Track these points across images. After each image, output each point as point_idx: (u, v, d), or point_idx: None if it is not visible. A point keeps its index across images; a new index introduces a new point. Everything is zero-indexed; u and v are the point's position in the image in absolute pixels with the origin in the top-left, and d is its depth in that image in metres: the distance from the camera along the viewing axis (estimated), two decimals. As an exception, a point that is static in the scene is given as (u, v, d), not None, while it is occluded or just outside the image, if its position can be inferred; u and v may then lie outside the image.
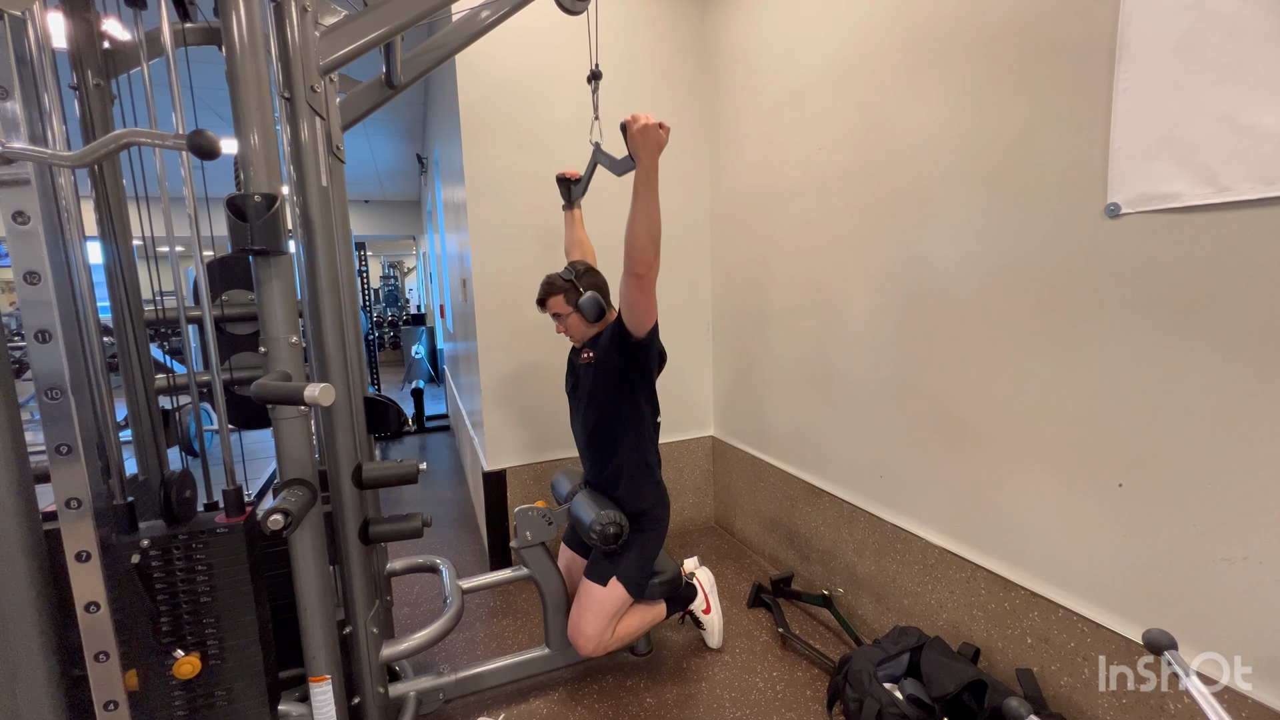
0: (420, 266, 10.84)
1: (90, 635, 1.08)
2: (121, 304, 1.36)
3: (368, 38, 1.31)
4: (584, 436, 1.78)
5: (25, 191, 0.99)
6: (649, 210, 1.36)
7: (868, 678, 1.47)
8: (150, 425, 1.43)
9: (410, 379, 7.17)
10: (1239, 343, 1.05)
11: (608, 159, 1.66)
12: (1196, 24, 1.05)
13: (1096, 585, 1.30)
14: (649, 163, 1.34)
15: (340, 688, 1.29)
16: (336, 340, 1.36)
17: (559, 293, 1.70)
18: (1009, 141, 1.40)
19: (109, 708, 1.10)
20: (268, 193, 1.08)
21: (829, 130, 1.97)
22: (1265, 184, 0.98)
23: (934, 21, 1.56)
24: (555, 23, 2.03)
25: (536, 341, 2.49)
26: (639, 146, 1.33)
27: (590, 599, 1.67)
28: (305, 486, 1.19)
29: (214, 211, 1.39)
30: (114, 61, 1.35)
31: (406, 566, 1.90)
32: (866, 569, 1.94)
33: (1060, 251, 1.31)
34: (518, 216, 2.43)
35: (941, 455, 1.65)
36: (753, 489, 2.59)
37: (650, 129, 1.31)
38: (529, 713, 1.71)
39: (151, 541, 1.13)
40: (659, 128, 1.32)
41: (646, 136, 1.32)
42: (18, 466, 1.03)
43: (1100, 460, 1.27)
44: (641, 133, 1.32)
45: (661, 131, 1.33)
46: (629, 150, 1.37)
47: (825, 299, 2.05)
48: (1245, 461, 1.05)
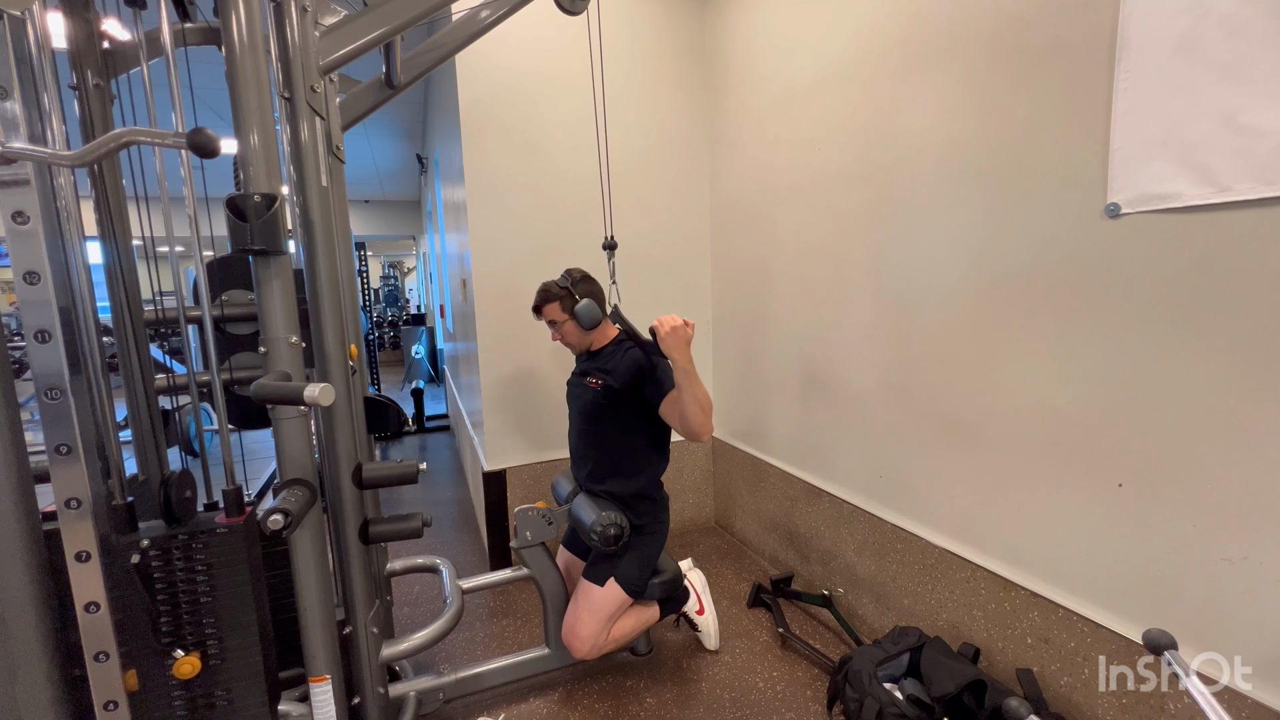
0: (420, 266, 10.84)
1: (90, 635, 1.08)
2: (121, 304, 1.36)
3: (368, 38, 1.31)
4: (588, 455, 1.76)
5: (25, 191, 0.99)
6: (697, 396, 1.47)
7: (868, 678, 1.47)
8: (150, 425, 1.43)
9: (410, 379, 7.17)
10: (1239, 343, 1.05)
11: (633, 330, 1.69)
12: (1196, 24, 1.05)
13: (1096, 585, 1.30)
14: (682, 359, 1.43)
15: (340, 688, 1.29)
16: (336, 340, 1.36)
17: (554, 300, 1.71)
18: (1009, 141, 1.40)
19: (109, 708, 1.10)
20: (268, 193, 1.08)
21: (829, 130, 1.97)
22: (1265, 184, 0.98)
23: (933, 22, 1.56)
24: (555, 23, 2.03)
25: (537, 342, 2.49)
26: (670, 348, 1.42)
27: (588, 599, 1.67)
28: (305, 486, 1.18)
29: (214, 211, 1.39)
30: (114, 61, 1.35)
31: (406, 566, 1.89)
32: (866, 569, 1.94)
33: (1060, 251, 1.31)
34: (518, 216, 2.43)
35: (941, 455, 1.65)
36: (753, 489, 2.59)
37: (678, 330, 1.41)
38: (529, 713, 1.71)
39: (151, 541, 1.13)
40: (684, 326, 1.41)
41: (676, 337, 1.41)
42: (18, 466, 1.03)
43: (1100, 460, 1.27)
44: (670, 335, 1.41)
45: (688, 329, 1.42)
46: (662, 351, 1.44)
47: (825, 299, 2.05)
48: (1245, 461, 1.05)
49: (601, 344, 1.77)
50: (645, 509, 1.71)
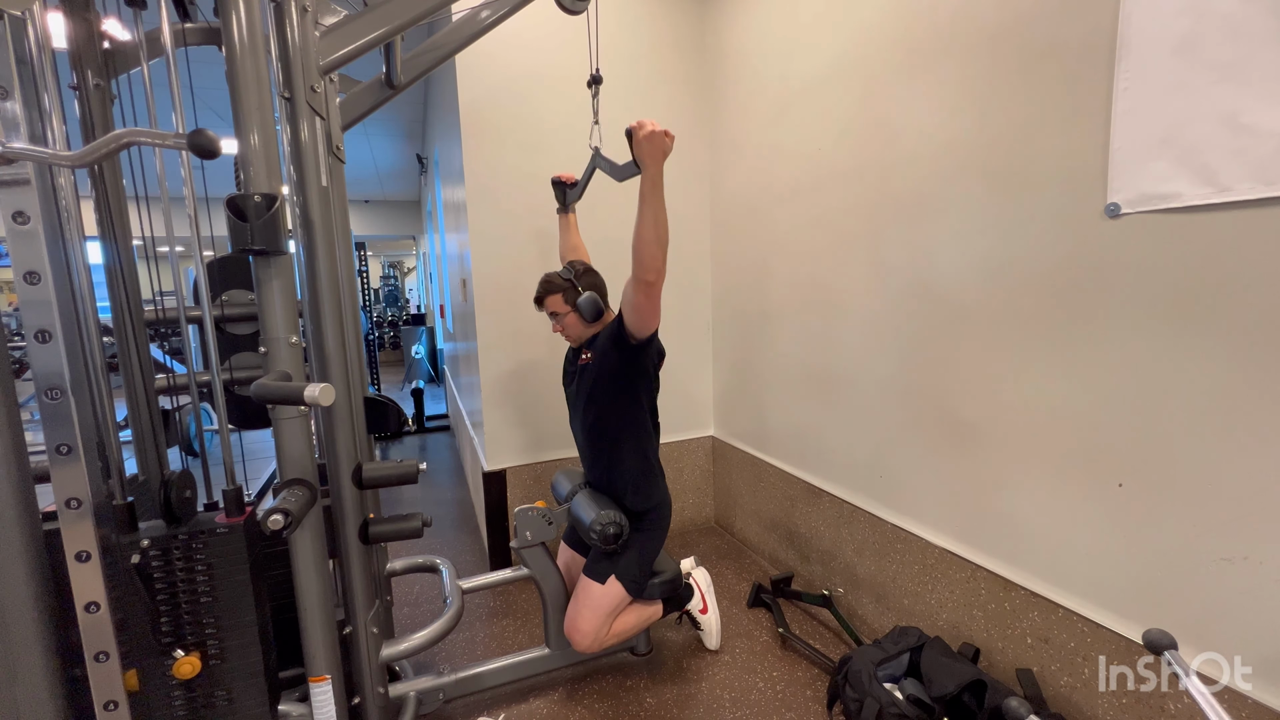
0: (420, 266, 10.84)
1: (90, 635, 1.08)
2: (121, 304, 1.36)
3: (368, 38, 1.31)
4: (584, 437, 1.78)
5: (25, 191, 0.99)
6: (657, 216, 1.36)
7: (868, 678, 1.47)
8: (150, 425, 1.43)
9: (410, 379, 7.17)
10: (1239, 343, 1.04)
11: (608, 164, 1.66)
12: (1196, 24, 1.05)
13: (1096, 585, 1.30)
14: (655, 169, 1.35)
15: (340, 688, 1.29)
16: (336, 340, 1.36)
17: (557, 292, 1.70)
18: (1009, 141, 1.40)
19: (109, 708, 1.10)
20: (268, 193, 1.08)
21: (829, 130, 1.97)
22: (1265, 184, 0.98)
23: (934, 22, 1.56)
24: (555, 23, 2.03)
25: (537, 341, 2.49)
26: (645, 153, 1.34)
27: (588, 596, 1.67)
28: (305, 486, 1.19)
29: (214, 211, 1.39)
30: (114, 61, 1.35)
31: (406, 566, 1.89)
32: (866, 569, 1.94)
33: (1060, 251, 1.31)
34: (518, 217, 2.43)
35: (941, 455, 1.65)
36: (753, 489, 2.59)
37: (656, 135, 1.32)
38: (529, 713, 1.71)
39: (151, 541, 1.13)
40: (664, 135, 1.33)
41: (653, 143, 1.33)
42: (18, 466, 1.03)
43: (1100, 460, 1.27)
44: (648, 139, 1.33)
45: (667, 139, 1.33)
46: (634, 156, 1.37)
47: (825, 299, 2.05)
48: (1245, 461, 1.05)
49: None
50: (646, 492, 1.71)
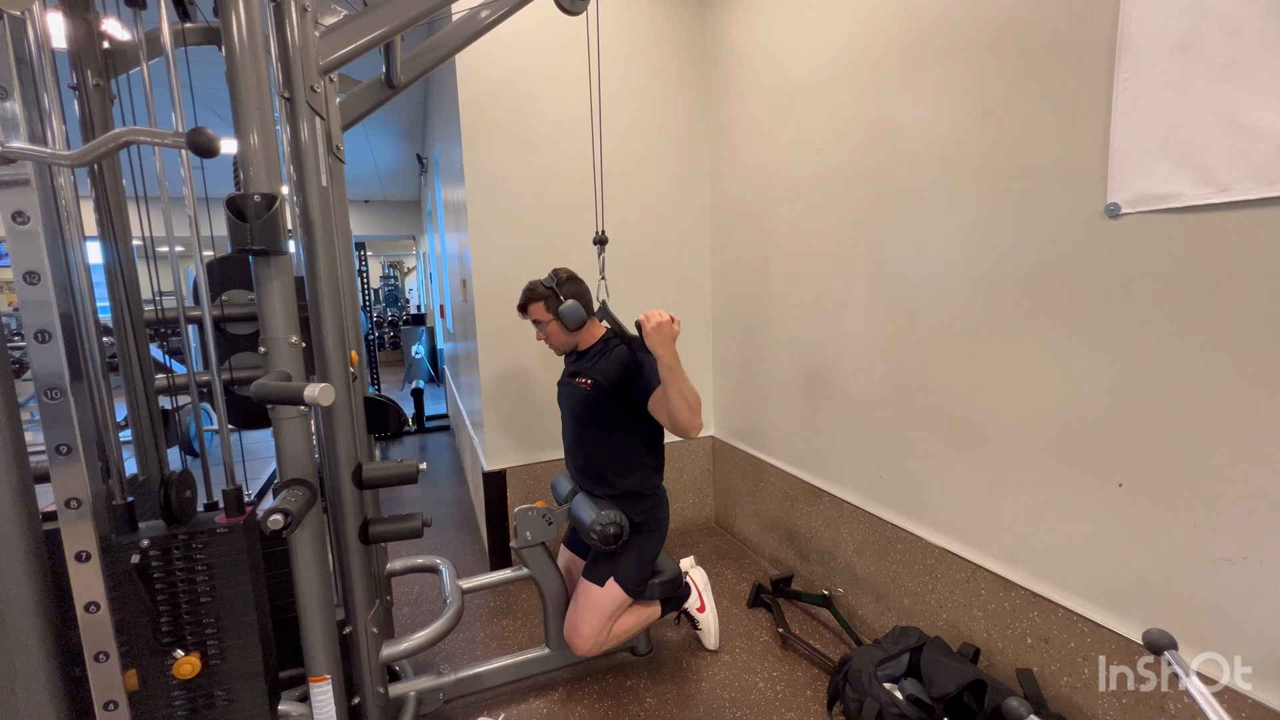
0: (420, 266, 10.84)
1: (90, 635, 1.08)
2: (121, 304, 1.36)
3: (368, 38, 1.31)
4: (583, 456, 1.77)
5: (25, 191, 0.99)
6: (684, 393, 1.45)
7: (868, 678, 1.47)
8: (150, 425, 1.43)
9: (410, 379, 7.17)
10: (1239, 343, 1.05)
11: (620, 326, 1.67)
12: (1196, 24, 1.05)
13: (1096, 585, 1.30)
14: (666, 355, 1.41)
15: (340, 688, 1.29)
16: (336, 340, 1.36)
17: (540, 299, 1.71)
18: (1009, 142, 1.40)
19: (109, 708, 1.10)
20: (267, 193, 1.08)
21: (829, 130, 1.97)
22: (1265, 184, 0.98)
23: (934, 22, 1.56)
24: (555, 23, 2.03)
25: (536, 342, 2.48)
26: (655, 343, 1.41)
27: (588, 599, 1.67)
28: (305, 486, 1.19)
29: (214, 211, 1.39)
30: (114, 61, 1.35)
31: (406, 566, 1.89)
32: (866, 569, 1.94)
33: (1060, 251, 1.31)
34: (518, 216, 2.43)
35: (941, 455, 1.65)
36: (753, 489, 2.59)
37: (664, 326, 1.39)
38: (529, 713, 1.71)
39: (151, 541, 1.13)
40: (671, 322, 1.40)
41: (661, 333, 1.40)
42: (18, 466, 1.03)
43: (1100, 460, 1.27)
44: (655, 331, 1.40)
45: (674, 326, 1.40)
46: (647, 346, 1.43)
47: (825, 299, 2.05)
48: (1245, 461, 1.05)
49: (589, 344, 1.77)
50: (642, 506, 1.71)
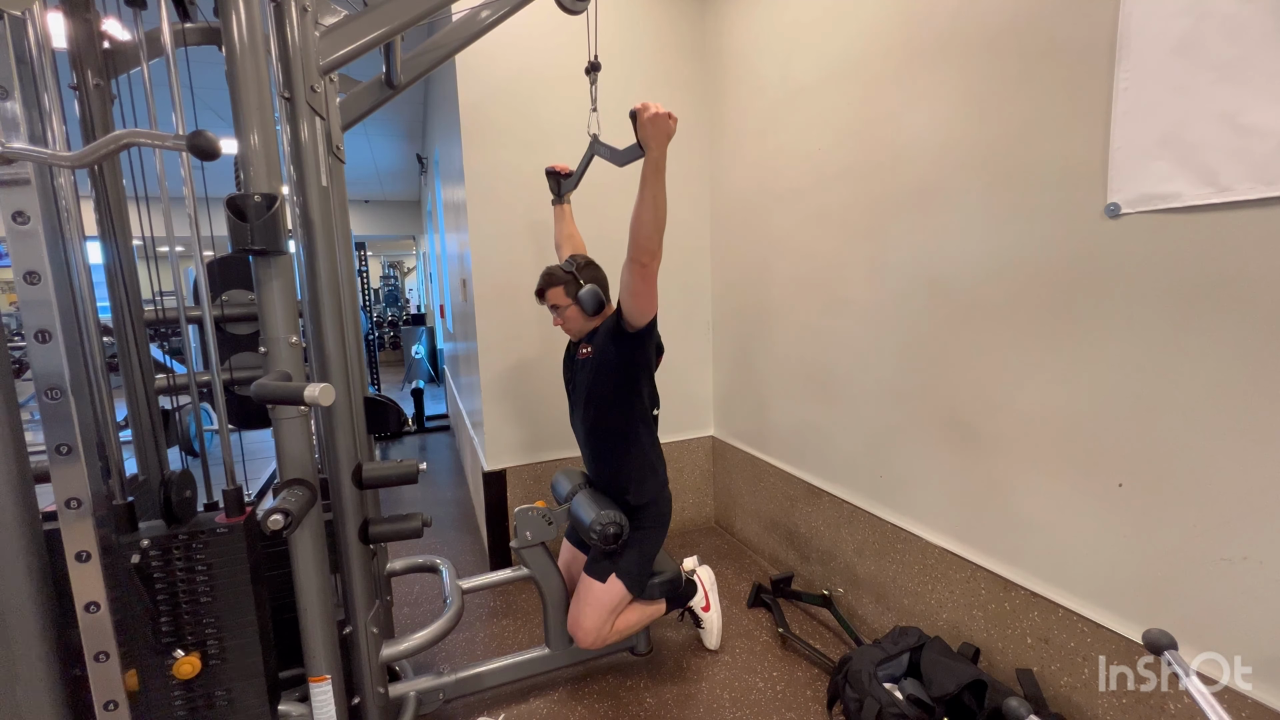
0: (420, 266, 10.84)
1: (90, 635, 1.08)
2: (121, 304, 1.36)
3: (368, 38, 1.31)
4: (584, 432, 1.78)
5: (25, 191, 0.99)
6: (656, 198, 1.37)
7: (868, 678, 1.47)
8: (150, 425, 1.43)
9: (410, 379, 7.17)
10: (1239, 342, 1.04)
11: (608, 150, 1.66)
12: (1196, 24, 1.05)
13: (1096, 585, 1.30)
14: (658, 151, 1.36)
15: (340, 688, 1.29)
16: (336, 340, 1.36)
17: (559, 284, 1.70)
18: (1009, 141, 1.40)
19: (109, 708, 1.10)
20: (268, 193, 1.08)
21: (829, 130, 1.97)
22: (1265, 184, 0.98)
23: (934, 22, 1.56)
24: (555, 23, 2.03)
25: (537, 341, 2.49)
26: (649, 135, 1.35)
27: (590, 594, 1.67)
28: (305, 486, 1.18)
29: (214, 211, 1.39)
30: (114, 61, 1.35)
31: (406, 566, 1.89)
32: (866, 569, 1.94)
33: (1060, 251, 1.31)
34: (518, 216, 2.43)
35: (941, 455, 1.65)
36: (753, 489, 2.59)
37: (660, 118, 1.34)
38: (529, 713, 1.71)
39: (151, 541, 1.13)
40: (668, 117, 1.34)
41: (656, 125, 1.34)
42: (18, 466, 1.03)
43: (1100, 460, 1.27)
44: (652, 121, 1.34)
45: (671, 121, 1.35)
46: (638, 139, 1.39)
47: (825, 299, 2.05)
48: (1245, 461, 1.05)
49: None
50: (652, 483, 1.71)
